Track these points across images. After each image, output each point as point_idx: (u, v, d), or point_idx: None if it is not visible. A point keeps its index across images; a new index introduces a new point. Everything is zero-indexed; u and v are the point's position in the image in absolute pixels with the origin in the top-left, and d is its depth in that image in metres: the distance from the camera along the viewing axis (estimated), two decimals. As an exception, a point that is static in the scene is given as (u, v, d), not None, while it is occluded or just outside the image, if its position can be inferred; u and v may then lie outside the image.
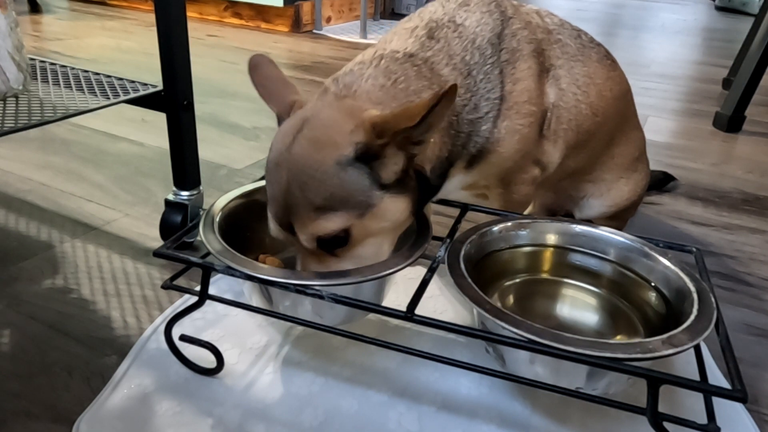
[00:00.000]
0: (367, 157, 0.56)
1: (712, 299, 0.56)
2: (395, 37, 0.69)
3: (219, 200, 0.70)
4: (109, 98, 0.83)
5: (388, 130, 0.55)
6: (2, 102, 0.79)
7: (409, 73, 0.64)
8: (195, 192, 0.91)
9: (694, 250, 0.69)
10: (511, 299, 0.69)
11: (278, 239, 0.63)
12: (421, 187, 0.63)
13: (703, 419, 0.50)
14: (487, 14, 0.71)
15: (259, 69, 0.68)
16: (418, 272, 0.77)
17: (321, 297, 0.57)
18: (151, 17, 0.92)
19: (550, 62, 0.75)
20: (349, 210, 0.57)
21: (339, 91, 0.62)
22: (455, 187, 0.74)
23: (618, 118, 0.84)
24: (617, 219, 0.93)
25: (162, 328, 0.68)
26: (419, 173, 0.62)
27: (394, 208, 0.60)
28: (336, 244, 0.59)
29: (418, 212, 0.66)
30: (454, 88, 0.53)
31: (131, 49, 2.12)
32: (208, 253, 0.62)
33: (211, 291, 0.63)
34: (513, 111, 0.70)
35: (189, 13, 2.66)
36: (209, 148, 1.30)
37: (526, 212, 0.87)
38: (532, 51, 0.72)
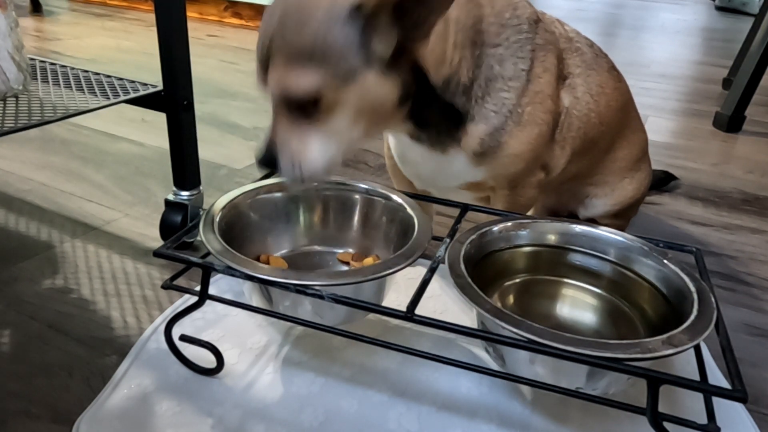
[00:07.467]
0: (362, 17, 0.52)
1: (712, 299, 0.56)
2: None
3: (219, 200, 0.70)
4: (109, 98, 0.83)
5: None
6: (2, 102, 0.79)
7: None
8: (195, 192, 0.91)
9: (694, 250, 0.69)
10: (511, 299, 0.69)
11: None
12: (419, 86, 0.60)
13: (703, 419, 0.50)
14: (526, 2, 0.72)
15: None
16: (418, 272, 0.77)
17: (321, 297, 0.57)
18: (151, 17, 0.92)
19: (568, 70, 0.75)
20: (327, 69, 0.53)
21: None
22: (464, 174, 0.73)
23: (618, 127, 0.85)
24: (621, 217, 0.93)
25: (162, 328, 0.68)
26: (419, 70, 0.59)
27: (377, 90, 0.56)
28: (303, 109, 0.55)
29: (414, 117, 0.64)
30: None
31: (131, 49, 2.12)
32: (208, 253, 0.62)
33: (211, 291, 0.63)
34: (539, 99, 0.70)
35: (189, 13, 2.66)
36: (209, 148, 1.30)
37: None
38: (557, 54, 0.73)
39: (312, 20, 0.52)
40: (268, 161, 0.57)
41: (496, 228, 0.69)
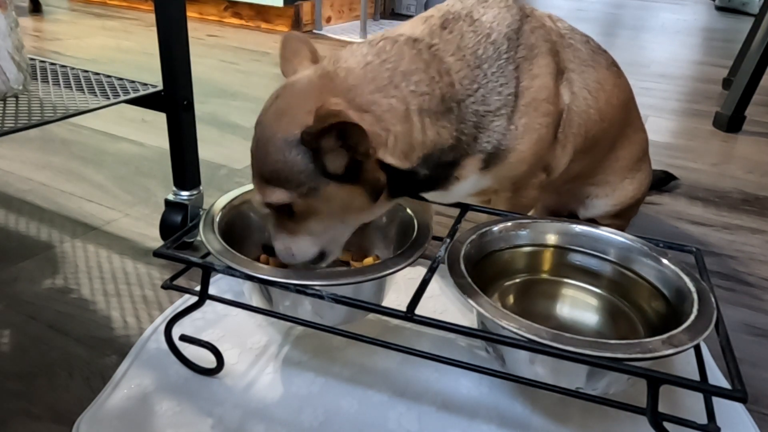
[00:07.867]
0: (308, 145, 0.57)
1: (712, 299, 0.56)
2: (407, 25, 0.69)
3: (219, 200, 0.70)
4: (109, 98, 0.83)
5: (323, 124, 0.55)
6: (2, 102, 0.79)
7: (404, 54, 0.63)
8: (195, 192, 0.91)
9: (694, 250, 0.69)
10: (511, 299, 0.69)
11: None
12: (396, 179, 0.62)
13: (703, 419, 0.50)
14: (505, 10, 0.71)
15: (288, 45, 0.69)
16: (418, 272, 0.77)
17: (321, 297, 0.57)
18: (151, 17, 0.92)
19: (564, 65, 0.75)
20: (291, 189, 0.59)
21: (328, 63, 0.63)
22: (469, 190, 0.73)
23: (621, 125, 0.84)
24: (621, 217, 0.93)
25: (162, 328, 0.68)
26: (389, 167, 0.61)
27: (342, 196, 0.61)
28: (284, 212, 0.62)
29: (400, 194, 0.67)
30: (359, 129, 0.54)
31: (131, 49, 2.12)
32: (208, 253, 0.62)
33: (211, 291, 0.63)
34: (532, 108, 0.69)
35: (189, 13, 2.66)
36: (209, 148, 1.30)
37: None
38: (548, 50, 0.72)
39: (272, 148, 0.59)
40: (268, 250, 0.66)
41: (496, 228, 0.69)
